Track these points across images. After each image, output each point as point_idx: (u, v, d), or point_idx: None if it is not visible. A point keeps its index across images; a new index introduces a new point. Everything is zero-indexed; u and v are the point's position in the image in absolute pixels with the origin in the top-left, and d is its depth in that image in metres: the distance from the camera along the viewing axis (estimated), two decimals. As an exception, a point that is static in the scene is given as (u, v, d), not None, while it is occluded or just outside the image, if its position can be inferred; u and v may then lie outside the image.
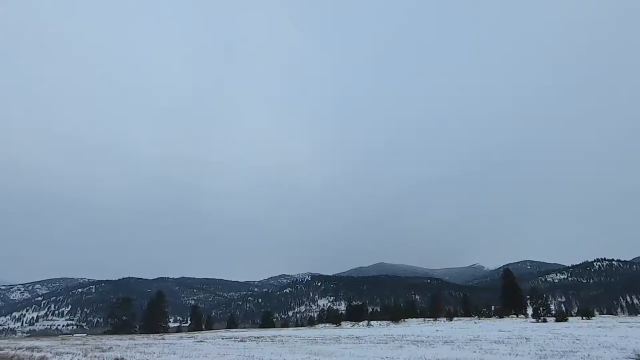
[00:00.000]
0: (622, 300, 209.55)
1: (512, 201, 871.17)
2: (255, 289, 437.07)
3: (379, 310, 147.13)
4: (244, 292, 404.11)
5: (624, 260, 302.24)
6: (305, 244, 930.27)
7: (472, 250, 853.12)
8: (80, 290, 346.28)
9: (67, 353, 19.51)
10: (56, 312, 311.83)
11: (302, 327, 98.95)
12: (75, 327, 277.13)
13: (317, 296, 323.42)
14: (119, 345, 26.00)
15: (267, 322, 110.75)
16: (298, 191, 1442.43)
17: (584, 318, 63.27)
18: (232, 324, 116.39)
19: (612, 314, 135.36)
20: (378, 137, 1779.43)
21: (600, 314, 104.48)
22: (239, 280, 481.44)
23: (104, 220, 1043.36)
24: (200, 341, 32.11)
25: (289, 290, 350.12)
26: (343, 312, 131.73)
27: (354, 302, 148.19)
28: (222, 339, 35.88)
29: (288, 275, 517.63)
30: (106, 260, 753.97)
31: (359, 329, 55.30)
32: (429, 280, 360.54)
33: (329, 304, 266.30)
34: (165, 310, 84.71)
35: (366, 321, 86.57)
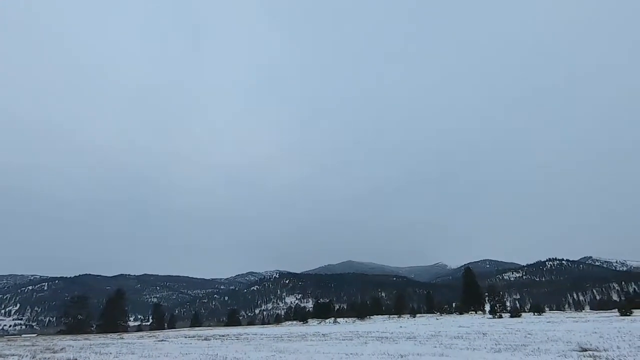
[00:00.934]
0: (569, 297, 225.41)
1: (475, 202, 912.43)
2: (222, 287, 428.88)
3: (345, 307, 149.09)
4: (210, 290, 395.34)
5: (572, 260, 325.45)
6: (274, 242, 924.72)
7: (437, 250, 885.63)
8: (30, 287, 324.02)
9: (13, 355, 18.13)
10: (2, 311, 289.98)
11: (269, 325, 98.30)
12: (24, 327, 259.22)
13: (284, 294, 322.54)
14: (72, 346, 24.57)
15: (232, 320, 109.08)
16: (268, 188, 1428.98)
17: (535, 314, 67.44)
18: (196, 323, 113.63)
19: (561, 310, 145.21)
20: (347, 137, 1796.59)
21: (550, 310, 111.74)
22: (205, 278, 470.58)
23: (58, 213, 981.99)
24: (162, 340, 31.04)
25: (257, 288, 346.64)
26: (310, 309, 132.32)
27: (321, 300, 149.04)
28: (185, 337, 34.90)
29: (256, 273, 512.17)
30: (60, 256, 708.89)
31: (326, 326, 55.73)
32: (394, 278, 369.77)
33: (296, 302, 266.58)
34: (125, 309, 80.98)
35: (333, 318, 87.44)
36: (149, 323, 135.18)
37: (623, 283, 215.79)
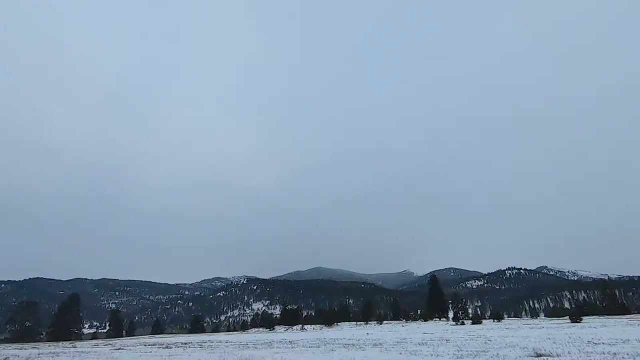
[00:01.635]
0: (526, 304, 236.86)
1: (442, 212, 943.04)
2: (187, 292, 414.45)
3: (313, 314, 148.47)
4: (174, 296, 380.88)
5: (529, 269, 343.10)
6: (243, 247, 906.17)
7: (404, 257, 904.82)
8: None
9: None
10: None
11: (235, 332, 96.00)
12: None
13: (252, 300, 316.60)
14: (18, 356, 22.76)
15: (196, 327, 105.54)
16: (238, 192, 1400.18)
17: (495, 321, 70.27)
18: (157, 330, 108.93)
19: (518, 317, 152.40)
20: (321, 145, 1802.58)
21: (508, 317, 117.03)
22: (169, 283, 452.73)
23: (6, 211, 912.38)
24: (119, 349, 29.44)
25: (223, 294, 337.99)
26: (278, 316, 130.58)
27: (289, 306, 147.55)
28: (145, 345, 33.32)
29: (223, 278, 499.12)
30: (8, 258, 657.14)
31: (293, 333, 55.15)
32: (362, 285, 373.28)
33: (263, 308, 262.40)
34: (79, 315, 75.92)
35: (300, 325, 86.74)
36: (105, 330, 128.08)
37: (574, 292, 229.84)
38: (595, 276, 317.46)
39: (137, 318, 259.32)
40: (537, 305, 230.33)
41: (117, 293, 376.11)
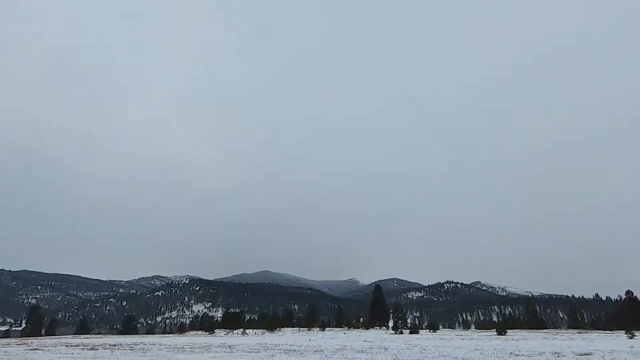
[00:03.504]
0: (460, 316, 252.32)
1: (390, 223, 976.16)
2: (121, 290, 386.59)
3: (257, 318, 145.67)
4: (106, 293, 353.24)
5: (465, 284, 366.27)
6: (188, 246, 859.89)
7: (351, 266, 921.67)
8: None
9: None
10: None
11: (171, 335, 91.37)
12: None
13: (192, 301, 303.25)
14: None
15: (128, 328, 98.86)
16: (186, 189, 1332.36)
17: (431, 331, 73.83)
18: (83, 330, 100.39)
19: (452, 328, 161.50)
20: (281, 150, 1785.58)
21: (443, 328, 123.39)
22: (102, 279, 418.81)
23: None
24: (35, 349, 26.65)
25: (162, 293, 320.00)
26: (219, 319, 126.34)
27: (232, 309, 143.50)
28: (67, 346, 30.49)
29: (163, 277, 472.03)
30: None
31: (233, 338, 53.63)
32: (309, 291, 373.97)
33: (204, 310, 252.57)
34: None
35: (242, 329, 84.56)
36: (21, 328, 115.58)
37: (502, 306, 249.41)
38: (521, 293, 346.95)
39: (60, 316, 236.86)
40: (469, 318, 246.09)
41: (39, 287, 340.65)
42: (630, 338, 41.67)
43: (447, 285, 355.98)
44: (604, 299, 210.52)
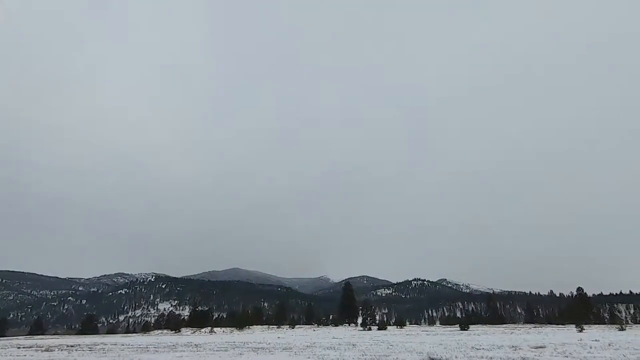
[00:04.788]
0: (426, 313, 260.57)
1: (361, 221, 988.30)
2: (80, 288, 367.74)
3: (225, 316, 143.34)
4: (64, 291, 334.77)
5: (432, 281, 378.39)
6: (154, 242, 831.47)
7: (322, 263, 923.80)
8: None
9: None
10: None
11: (134, 334, 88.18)
12: None
13: (158, 299, 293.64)
14: None
15: (88, 328, 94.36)
16: (151, 183, 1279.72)
17: (398, 327, 75.77)
18: (38, 330, 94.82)
19: (418, 324, 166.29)
20: (252, 146, 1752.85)
21: (410, 324, 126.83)
22: (59, 277, 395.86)
23: None
24: (-18, 351, 24.85)
25: (125, 292, 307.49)
26: (186, 317, 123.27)
27: (199, 308, 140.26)
28: (19, 348, 28.69)
29: (127, 275, 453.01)
30: None
31: (200, 336, 52.51)
32: (279, 288, 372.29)
33: (171, 309, 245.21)
34: None
35: (209, 328, 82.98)
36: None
37: (465, 303, 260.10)
38: (483, 290, 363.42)
39: (12, 316, 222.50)
40: (434, 314, 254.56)
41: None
42: (580, 331, 44.76)
43: (415, 282, 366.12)
44: (557, 295, 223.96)
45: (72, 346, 30.71)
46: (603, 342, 26.63)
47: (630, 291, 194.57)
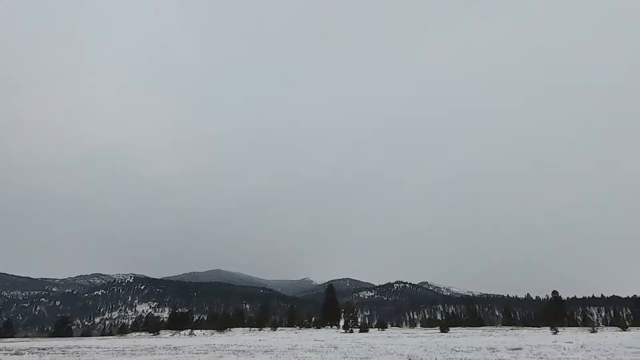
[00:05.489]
0: (407, 315, 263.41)
1: (343, 225, 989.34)
2: (55, 289, 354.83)
3: (206, 318, 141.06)
4: (36, 292, 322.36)
5: (413, 284, 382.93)
6: (133, 242, 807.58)
7: (305, 265, 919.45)
8: None
9: None
10: None
11: (111, 336, 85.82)
12: None
13: (137, 301, 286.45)
14: None
15: (61, 330, 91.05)
16: (136, 181, 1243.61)
17: (380, 329, 76.32)
18: (8, 332, 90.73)
19: (399, 327, 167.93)
20: (233, 146, 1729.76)
21: (392, 326, 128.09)
22: (31, 277, 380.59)
23: None
24: (-54, 355, 23.65)
25: (102, 293, 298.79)
26: (166, 319, 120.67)
27: (179, 309, 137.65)
28: (-14, 351, 27.36)
29: (104, 275, 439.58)
30: None
31: (180, 339, 51.51)
32: (262, 290, 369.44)
33: (149, 310, 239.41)
34: None
35: (189, 330, 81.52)
36: None
37: (446, 305, 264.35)
38: (463, 293, 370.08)
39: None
40: (416, 316, 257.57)
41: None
42: (554, 333, 46.17)
43: (397, 285, 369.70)
44: (534, 298, 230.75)
45: (43, 349, 29.59)
46: (576, 344, 27.54)
47: (602, 295, 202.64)
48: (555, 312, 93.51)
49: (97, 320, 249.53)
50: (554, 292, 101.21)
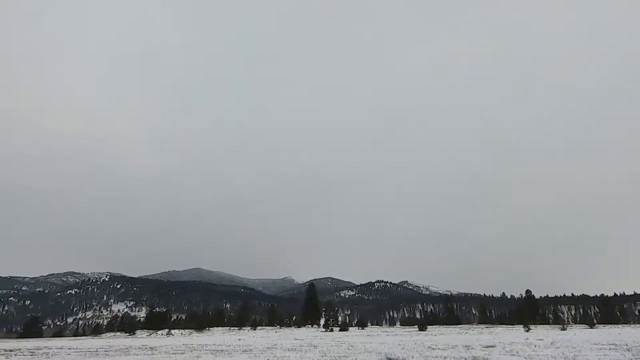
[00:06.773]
0: (387, 314, 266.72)
1: (324, 224, 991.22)
2: (24, 288, 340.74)
3: (185, 318, 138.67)
4: (4, 291, 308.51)
5: (394, 283, 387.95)
6: (110, 239, 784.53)
7: (287, 264, 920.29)
8: None
9: None
10: None
11: (84, 337, 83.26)
12: None
13: (112, 300, 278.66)
14: None
15: (31, 331, 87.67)
16: (112, 176, 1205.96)
17: (359, 328, 76.92)
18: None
19: (379, 325, 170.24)
20: (216, 145, 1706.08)
21: (371, 325, 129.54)
22: (0, 275, 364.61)
23: None
24: None
25: (76, 292, 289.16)
26: (142, 319, 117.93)
27: (157, 309, 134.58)
28: (-53, 353, 26.00)
29: (78, 274, 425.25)
30: None
31: (157, 339, 50.41)
32: (242, 290, 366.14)
33: (126, 310, 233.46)
34: None
35: (167, 330, 79.96)
36: None
37: (425, 304, 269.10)
38: (442, 292, 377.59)
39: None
40: (395, 315, 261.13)
41: None
42: (527, 331, 47.74)
43: (378, 284, 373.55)
44: (509, 297, 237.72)
45: (10, 350, 28.38)
46: (546, 341, 28.57)
47: (572, 294, 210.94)
48: (528, 311, 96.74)
49: (69, 320, 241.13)
50: (528, 291, 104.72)
